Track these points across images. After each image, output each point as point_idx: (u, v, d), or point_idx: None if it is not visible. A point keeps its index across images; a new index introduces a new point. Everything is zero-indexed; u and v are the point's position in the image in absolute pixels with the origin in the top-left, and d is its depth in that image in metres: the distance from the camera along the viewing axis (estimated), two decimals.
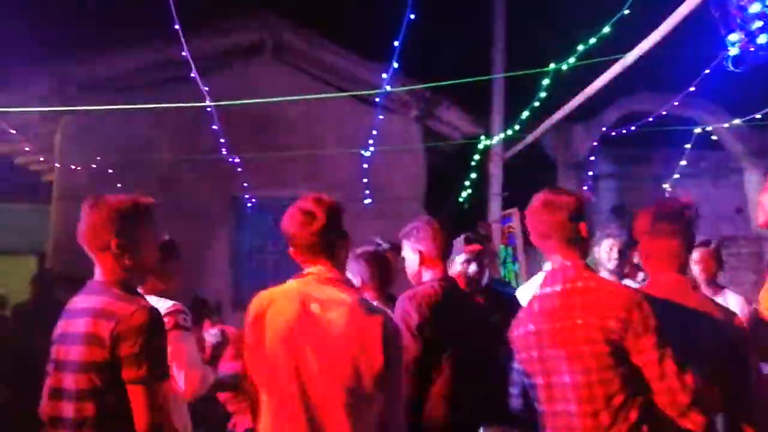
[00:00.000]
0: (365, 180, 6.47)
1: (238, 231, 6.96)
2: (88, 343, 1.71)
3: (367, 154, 6.01)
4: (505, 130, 6.46)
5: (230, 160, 5.71)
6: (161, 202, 6.88)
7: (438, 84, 4.10)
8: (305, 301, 1.76)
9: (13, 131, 5.41)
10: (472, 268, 2.93)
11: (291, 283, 1.85)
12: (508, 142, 6.77)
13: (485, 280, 3.02)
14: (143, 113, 4.48)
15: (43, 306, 5.79)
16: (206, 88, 3.91)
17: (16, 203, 8.66)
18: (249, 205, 6.69)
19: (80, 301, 1.83)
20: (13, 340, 5.85)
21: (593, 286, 1.77)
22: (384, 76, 4.43)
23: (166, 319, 2.24)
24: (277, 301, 1.79)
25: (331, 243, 1.83)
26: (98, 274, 1.86)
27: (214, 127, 4.72)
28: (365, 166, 6.37)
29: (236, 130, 5.73)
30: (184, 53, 3.43)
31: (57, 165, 6.09)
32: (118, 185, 6.26)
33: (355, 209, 6.36)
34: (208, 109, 4.23)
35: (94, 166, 5.78)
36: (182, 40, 3.19)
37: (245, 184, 6.27)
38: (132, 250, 1.86)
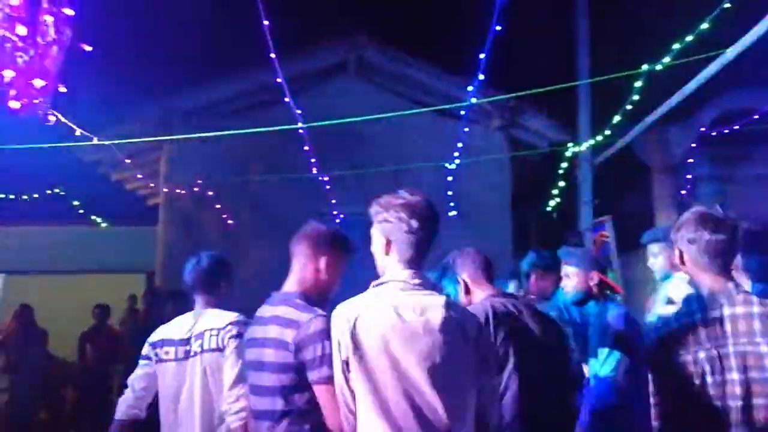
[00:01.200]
0: (450, 192, 6.48)
1: None
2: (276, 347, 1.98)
3: (452, 166, 6.02)
4: (594, 136, 6.26)
5: (318, 178, 5.92)
6: (255, 222, 7.27)
7: (524, 93, 4.06)
8: (398, 308, 1.74)
9: (128, 160, 5.90)
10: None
11: (374, 292, 1.82)
12: (597, 148, 6.56)
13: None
14: (238, 137, 4.76)
15: (153, 317, 6.28)
16: (299, 111, 4.10)
17: (127, 226, 9.46)
18: (336, 222, 6.89)
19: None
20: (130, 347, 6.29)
21: None
22: (470, 88, 4.43)
23: (228, 327, 2.59)
24: (365, 313, 1.75)
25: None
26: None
27: (306, 148, 4.92)
28: (450, 178, 6.39)
29: (322, 148, 5.94)
30: (279, 80, 3.63)
31: (164, 190, 6.54)
32: (217, 206, 6.70)
33: (441, 221, 6.35)
34: (300, 131, 4.42)
35: (195, 189, 6.17)
36: (277, 67, 3.38)
37: (333, 201, 6.46)
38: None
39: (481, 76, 3.93)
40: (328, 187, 6.14)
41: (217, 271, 2.79)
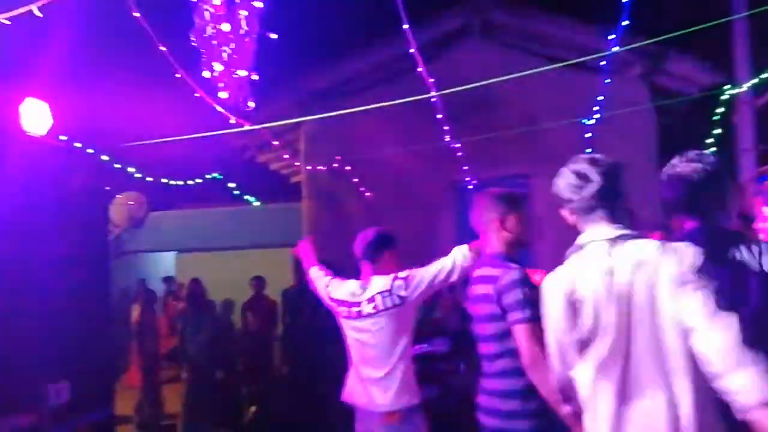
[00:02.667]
0: (589, 150, 6.17)
1: (459, 215, 7.23)
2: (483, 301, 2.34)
3: (591, 122, 5.72)
4: (755, 75, 5.58)
5: (448, 145, 5.94)
6: (391, 193, 7.47)
7: (674, 35, 3.71)
8: (608, 267, 1.67)
9: (276, 142, 6.35)
10: None
11: (580, 254, 1.76)
12: (758, 88, 5.84)
13: None
14: (371, 111, 4.91)
15: (304, 288, 6.81)
16: (432, 80, 4.13)
17: (273, 203, 10.24)
18: (469, 188, 6.88)
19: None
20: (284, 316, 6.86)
21: None
22: (611, 36, 4.16)
23: (396, 284, 2.91)
24: (578, 277, 1.71)
25: (609, 205, 1.76)
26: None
27: (439, 116, 4.96)
28: (588, 135, 6.08)
29: (453, 115, 5.94)
30: (411, 50, 3.69)
31: (306, 167, 6.96)
32: (354, 180, 7.00)
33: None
34: (432, 99, 4.46)
35: (334, 165, 6.49)
36: (411, 38, 3.44)
37: (465, 168, 6.46)
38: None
39: (625, 22, 3.67)
40: (460, 154, 6.14)
41: (382, 242, 3.07)
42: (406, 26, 3.33)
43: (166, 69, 3.31)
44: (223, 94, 2.28)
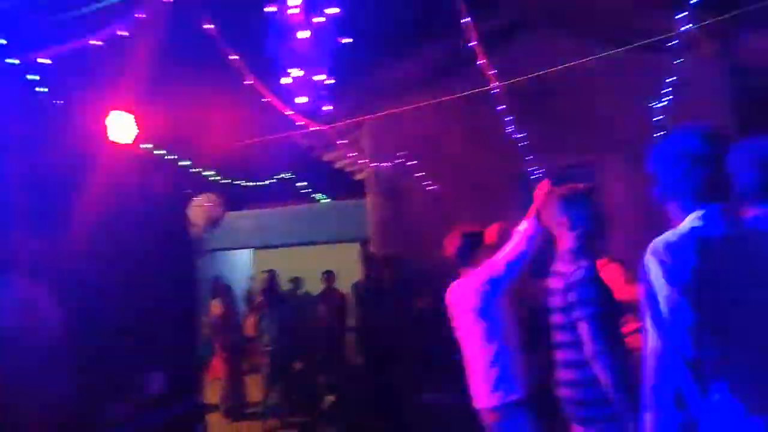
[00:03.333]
0: (657, 134, 5.96)
1: (526, 206, 7.14)
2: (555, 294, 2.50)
3: (661, 105, 5.52)
4: None
5: (513, 136, 5.89)
6: (456, 187, 7.47)
7: (747, 8, 3.52)
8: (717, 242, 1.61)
9: (343, 141, 6.53)
10: None
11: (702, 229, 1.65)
12: None
13: None
14: (433, 106, 4.97)
15: (372, 281, 6.98)
16: (493, 71, 4.15)
17: (340, 200, 10.51)
18: (532, 178, 6.79)
19: None
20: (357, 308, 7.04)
21: None
22: (681, 14, 4.00)
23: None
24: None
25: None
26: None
27: (500, 107, 4.95)
28: (657, 118, 5.86)
29: (515, 105, 5.88)
30: (471, 43, 3.73)
31: (373, 164, 7.10)
32: (418, 174, 7.08)
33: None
34: (493, 91, 4.47)
35: (398, 161, 6.59)
36: (471, 30, 3.48)
37: (529, 158, 6.39)
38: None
39: None
40: (524, 144, 6.08)
41: (470, 243, 3.31)
42: (465, 20, 3.38)
43: (238, 77, 3.53)
44: (301, 99, 2.44)
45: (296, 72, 2.30)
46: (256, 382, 7.42)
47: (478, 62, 3.99)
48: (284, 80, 2.33)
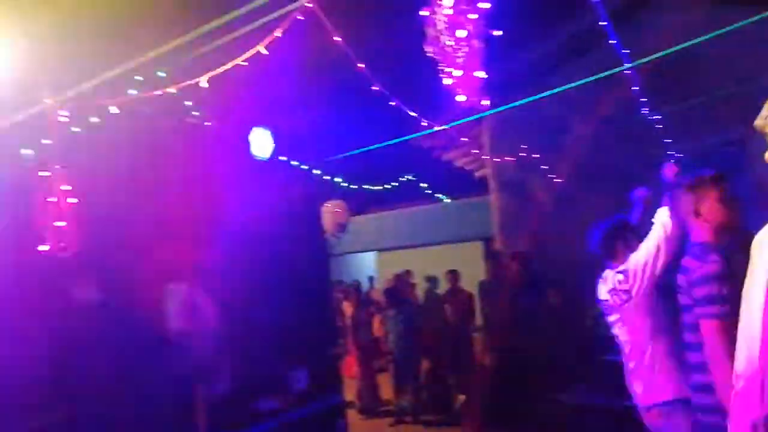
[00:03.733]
0: None
1: (661, 192, 6.64)
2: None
3: None
4: None
5: (646, 118, 5.50)
6: (583, 177, 7.08)
7: None
8: None
9: (465, 139, 6.51)
10: None
11: None
12: None
13: None
14: (554, 94, 4.77)
15: (498, 279, 6.86)
16: (627, 51, 3.91)
17: (462, 199, 10.46)
18: (672, 161, 6.29)
19: None
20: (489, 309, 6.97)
21: None
22: None
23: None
24: None
25: None
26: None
27: (635, 88, 4.65)
28: None
29: (648, 84, 5.48)
30: (602, 23, 3.54)
31: (495, 159, 6.98)
32: (544, 167, 6.85)
33: None
34: (627, 72, 4.20)
35: (521, 154, 6.43)
36: (600, 9, 3.31)
37: (667, 141, 5.93)
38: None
39: None
40: (660, 126, 5.65)
41: (612, 234, 3.15)
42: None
43: (364, 84, 3.65)
44: (460, 98, 2.48)
45: (457, 72, 2.33)
46: (388, 381, 7.59)
47: (608, 41, 3.76)
48: (446, 80, 2.37)
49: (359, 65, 3.43)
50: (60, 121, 2.72)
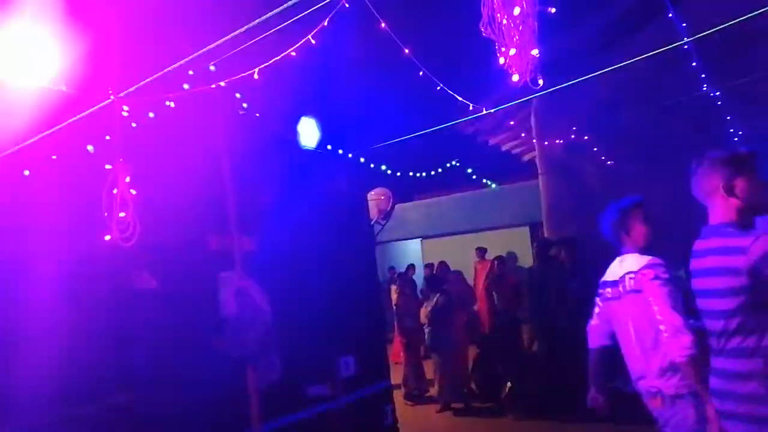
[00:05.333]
0: None
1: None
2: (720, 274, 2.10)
3: None
4: None
5: (707, 95, 5.24)
6: (635, 158, 6.86)
7: None
8: None
9: (512, 122, 6.39)
10: None
11: None
12: None
13: None
14: (608, 73, 4.58)
15: (546, 263, 6.71)
16: (684, 24, 3.72)
17: (509, 184, 10.28)
18: (735, 140, 6.01)
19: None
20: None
21: None
22: None
23: (643, 272, 2.68)
24: None
25: None
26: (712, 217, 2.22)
27: (693, 64, 4.43)
28: None
29: (708, 59, 5.21)
30: None
31: (543, 143, 6.82)
32: (594, 149, 6.65)
33: None
34: (685, 47, 3.99)
35: (571, 136, 6.25)
36: None
37: (728, 118, 5.65)
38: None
39: None
40: (720, 102, 5.38)
41: (619, 219, 2.92)
42: None
43: (411, 70, 3.60)
44: (515, 77, 2.41)
45: (512, 51, 2.26)
46: (433, 367, 7.60)
47: (666, 15, 3.58)
48: (501, 60, 2.31)
49: (405, 50, 3.39)
50: (122, 116, 2.81)
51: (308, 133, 4.28)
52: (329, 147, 4.57)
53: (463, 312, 8.01)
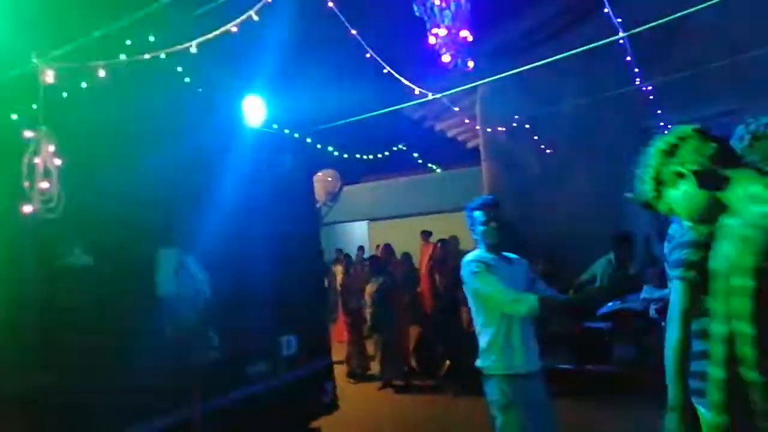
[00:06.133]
0: None
1: None
2: None
3: None
4: None
5: (639, 89, 5.50)
6: (573, 147, 7.12)
7: None
8: None
9: (457, 108, 6.49)
10: None
11: None
12: None
13: None
14: (548, 64, 4.75)
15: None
16: (619, 19, 3.89)
17: (453, 169, 10.48)
18: (665, 133, 6.33)
19: None
20: None
21: None
22: None
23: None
24: None
25: None
26: None
27: (628, 58, 4.64)
28: None
29: (642, 53, 5.45)
30: None
31: (486, 129, 6.97)
32: (535, 137, 6.87)
33: None
34: (621, 41, 4.17)
35: (513, 125, 6.43)
36: None
37: (658, 111, 5.95)
38: None
39: None
40: (652, 96, 5.65)
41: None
42: None
43: (357, 52, 3.62)
44: (446, 58, 2.46)
45: (442, 31, 2.31)
46: (375, 346, 7.74)
47: (602, 11, 3.73)
48: (431, 39, 2.35)
49: (353, 32, 3.41)
50: (47, 82, 2.68)
51: (253, 111, 4.23)
52: (275, 126, 4.54)
53: (407, 293, 8.18)
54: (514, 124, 6.65)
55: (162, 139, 3.41)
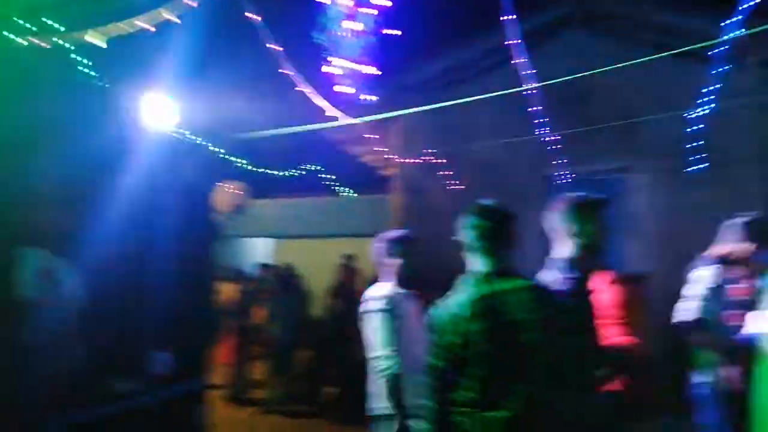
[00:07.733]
0: (694, 144, 5.80)
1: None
2: None
3: (697, 114, 5.35)
4: None
5: (545, 139, 5.78)
6: (482, 187, 7.33)
7: None
8: None
9: (376, 136, 6.47)
10: None
11: None
12: None
13: None
14: (463, 105, 4.89)
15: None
16: (530, 71, 4.07)
17: (363, 194, 10.48)
18: (561, 182, 6.68)
19: None
20: None
21: None
22: (728, 21, 3.86)
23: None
24: None
25: None
26: None
27: (534, 109, 4.86)
28: (697, 127, 5.69)
29: (550, 107, 5.76)
30: (512, 42, 3.65)
31: (402, 160, 7.03)
32: (446, 173, 7.00)
33: (680, 178, 5.81)
34: (528, 92, 4.37)
35: (427, 159, 6.52)
36: (513, 29, 3.40)
37: (559, 162, 6.27)
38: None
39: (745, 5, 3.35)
40: (556, 147, 5.96)
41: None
42: (507, 17, 3.30)
43: (275, 67, 3.51)
44: (349, 90, 2.42)
45: (344, 62, 2.27)
46: (262, 369, 7.48)
47: (515, 61, 3.89)
48: (326, 68, 2.30)
49: (274, 46, 3.30)
50: None
51: (161, 112, 3.98)
52: (183, 131, 4.30)
53: (299, 316, 7.96)
54: (431, 159, 6.76)
55: (44, 133, 3.10)
